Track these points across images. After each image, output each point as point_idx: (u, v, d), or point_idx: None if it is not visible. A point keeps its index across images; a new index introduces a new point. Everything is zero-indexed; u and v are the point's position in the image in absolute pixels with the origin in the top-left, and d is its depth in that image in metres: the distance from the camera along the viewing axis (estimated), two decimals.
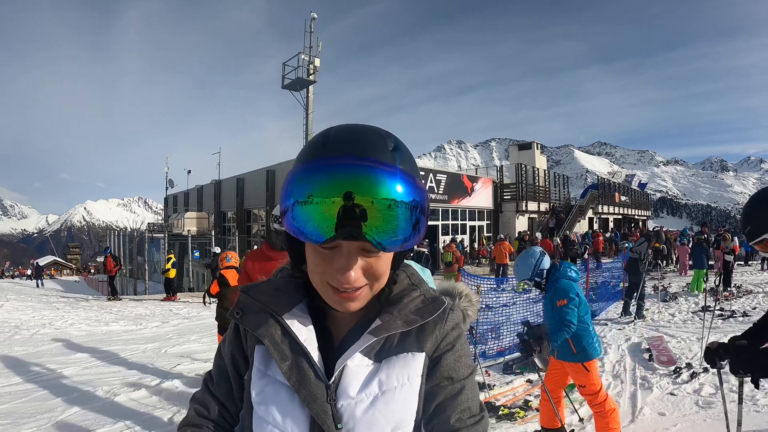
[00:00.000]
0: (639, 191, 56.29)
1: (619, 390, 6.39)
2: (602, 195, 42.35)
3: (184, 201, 40.10)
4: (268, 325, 1.07)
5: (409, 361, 1.06)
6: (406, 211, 0.89)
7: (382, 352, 1.06)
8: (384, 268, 1.00)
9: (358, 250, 0.94)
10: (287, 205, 0.91)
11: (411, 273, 1.17)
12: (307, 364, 1.04)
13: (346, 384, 1.02)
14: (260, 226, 29.02)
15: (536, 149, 40.40)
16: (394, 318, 1.06)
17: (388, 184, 0.87)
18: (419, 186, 0.93)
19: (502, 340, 9.14)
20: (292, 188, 0.91)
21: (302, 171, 0.91)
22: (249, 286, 1.15)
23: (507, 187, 35.08)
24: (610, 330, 10.02)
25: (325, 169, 0.89)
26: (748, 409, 5.50)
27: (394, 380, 1.03)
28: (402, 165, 0.92)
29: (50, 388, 6.50)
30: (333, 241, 0.89)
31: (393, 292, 1.11)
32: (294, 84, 25.39)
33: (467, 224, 31.90)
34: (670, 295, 13.98)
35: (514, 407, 5.87)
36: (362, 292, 0.99)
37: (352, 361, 1.04)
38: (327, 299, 1.01)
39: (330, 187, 0.87)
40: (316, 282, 1.01)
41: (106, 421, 5.43)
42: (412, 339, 1.07)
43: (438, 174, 29.09)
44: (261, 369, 1.08)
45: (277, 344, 1.05)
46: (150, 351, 9.06)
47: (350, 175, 0.87)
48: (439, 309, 1.09)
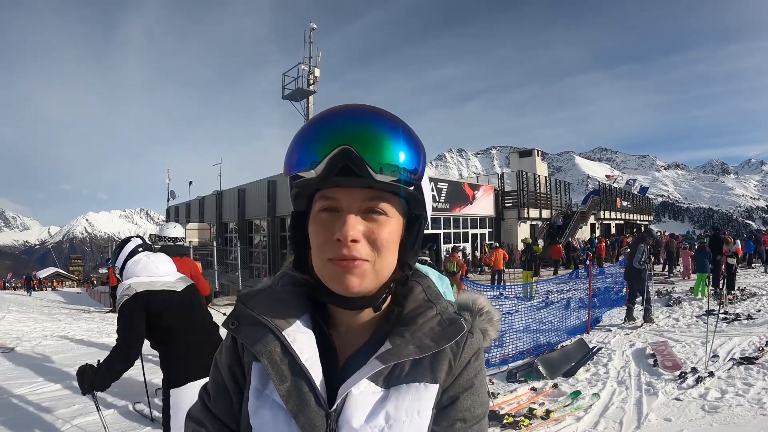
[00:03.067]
0: (640, 196, 56.34)
1: (624, 396, 6.34)
2: (603, 201, 42.43)
3: (186, 212, 40.01)
4: (267, 341, 0.98)
5: (421, 393, 0.97)
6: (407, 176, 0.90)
7: (391, 379, 0.97)
8: (387, 238, 0.93)
9: (358, 210, 0.91)
10: (287, 159, 0.92)
11: (427, 286, 1.08)
12: (307, 387, 0.95)
13: (349, 414, 0.93)
14: (262, 237, 28.97)
15: (537, 156, 40.41)
16: (405, 342, 0.96)
17: (392, 145, 0.88)
18: (422, 151, 0.94)
19: (506, 347, 9.10)
20: (294, 143, 0.92)
21: (302, 130, 0.92)
22: (247, 294, 1.07)
23: (508, 195, 35.09)
24: (615, 336, 10.00)
25: (323, 121, 0.90)
26: (755, 412, 5.48)
27: (402, 414, 0.94)
28: (405, 129, 0.92)
29: (51, 400, 6.45)
30: (328, 165, 0.87)
31: (405, 309, 1.02)
32: (294, 94, 25.43)
33: (469, 232, 31.91)
34: (673, 299, 13.95)
35: (518, 416, 5.82)
36: (363, 265, 0.92)
37: (356, 389, 0.95)
38: (328, 282, 0.94)
39: (329, 136, 0.87)
40: (317, 263, 0.95)
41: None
42: (425, 367, 0.98)
43: (439, 182, 29.05)
44: (258, 388, 1.00)
45: (276, 364, 0.96)
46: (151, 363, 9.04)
47: (352, 126, 0.87)
48: (458, 335, 0.99)
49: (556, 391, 6.70)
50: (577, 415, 5.80)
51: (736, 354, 7.84)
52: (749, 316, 11.07)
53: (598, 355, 8.40)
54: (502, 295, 14.52)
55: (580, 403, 6.12)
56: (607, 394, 6.45)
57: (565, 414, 5.82)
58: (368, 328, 1.02)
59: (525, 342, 9.46)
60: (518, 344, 9.30)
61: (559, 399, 6.40)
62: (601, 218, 41.92)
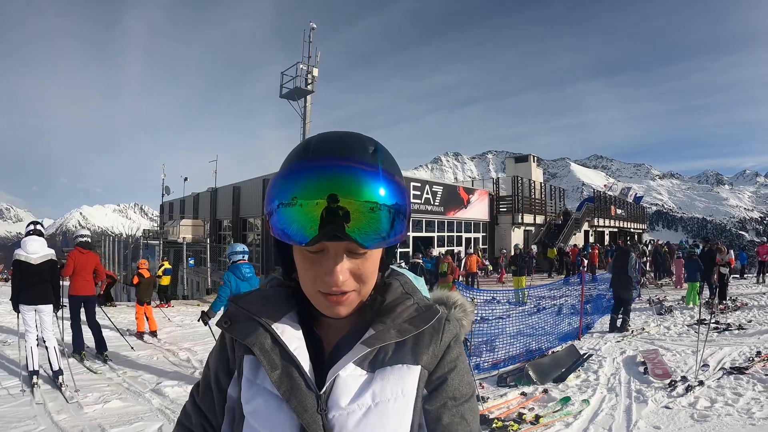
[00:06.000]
0: (635, 204, 56.50)
1: (614, 403, 6.35)
2: (598, 208, 42.57)
3: (180, 208, 39.92)
4: (258, 334, 1.06)
5: (404, 374, 1.04)
6: (388, 213, 0.91)
7: (375, 362, 1.05)
8: (371, 270, 1.01)
9: (344, 252, 0.95)
10: (271, 208, 0.94)
11: (404, 281, 1.16)
12: (297, 373, 1.02)
13: (337, 395, 1.00)
14: (256, 235, 28.90)
15: (533, 162, 40.49)
16: (387, 328, 1.05)
17: (371, 186, 0.90)
18: (401, 187, 0.96)
19: (497, 352, 9.14)
20: (277, 191, 0.93)
21: (286, 174, 0.93)
22: (238, 296, 1.15)
23: (503, 200, 35.18)
24: (605, 343, 10.01)
25: (307, 171, 0.91)
26: (744, 422, 5.49)
27: (387, 392, 1.01)
28: (383, 166, 0.94)
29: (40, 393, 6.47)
30: (317, 242, 0.91)
31: (386, 300, 1.10)
32: (292, 93, 25.45)
33: (463, 236, 32.00)
34: (665, 308, 14.00)
35: (507, 420, 5.82)
36: (350, 297, 1.00)
37: (344, 372, 1.02)
38: (317, 305, 1.02)
39: (313, 188, 0.89)
40: (306, 288, 1.02)
41: (94, 428, 5.40)
42: (407, 351, 1.06)
43: (434, 186, 29.19)
44: (250, 378, 1.07)
45: (267, 353, 1.04)
46: (142, 358, 9.02)
47: (333, 176, 0.89)
48: (434, 318, 1.08)
49: (546, 397, 6.71)
50: (567, 420, 5.81)
51: (726, 364, 7.86)
52: (740, 326, 11.14)
53: (588, 361, 8.40)
54: (494, 299, 14.56)
55: (569, 409, 6.13)
56: (597, 401, 6.46)
57: (555, 419, 5.83)
58: (351, 320, 1.07)
59: (516, 347, 9.47)
60: (509, 349, 9.32)
61: (548, 404, 6.41)
62: (595, 225, 42.06)
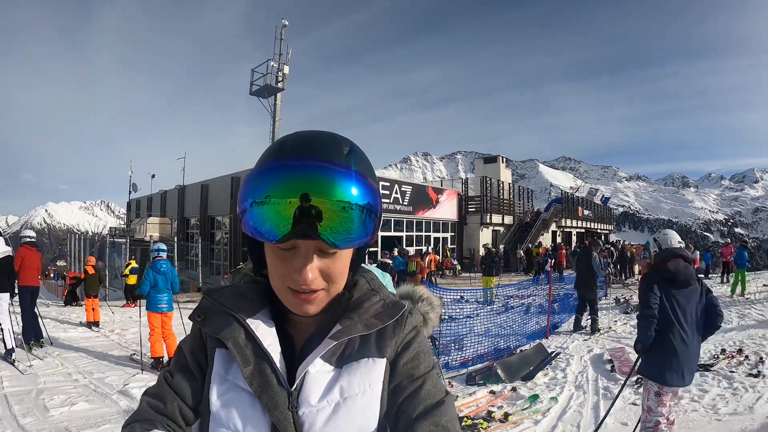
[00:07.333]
0: (602, 206, 57.30)
1: (581, 400, 6.43)
2: (566, 209, 43.11)
3: (147, 206, 39.38)
4: (232, 328, 1.05)
5: (370, 367, 1.06)
6: (360, 213, 0.92)
7: (342, 358, 1.06)
8: (341, 269, 1.02)
9: (314, 250, 0.96)
10: (245, 206, 0.94)
11: (371, 278, 1.18)
12: (270, 369, 1.02)
13: (307, 391, 1.01)
14: (224, 234, 28.65)
15: (501, 163, 40.84)
16: (354, 322, 1.06)
17: (344, 186, 0.90)
18: (373, 188, 0.96)
19: (466, 351, 9.18)
20: (250, 189, 0.93)
21: (260, 172, 0.94)
22: (212, 289, 1.15)
23: (472, 200, 35.46)
24: (573, 341, 10.13)
25: (281, 169, 0.91)
26: (710, 418, 5.59)
27: (355, 387, 1.03)
28: (357, 167, 0.94)
29: (5, 396, 6.32)
30: (289, 239, 0.91)
31: (353, 297, 1.11)
32: (262, 91, 25.18)
33: (431, 236, 32.15)
34: (631, 306, 14.17)
35: (477, 418, 5.84)
36: (319, 295, 1.00)
37: (313, 367, 1.03)
38: (286, 302, 1.02)
39: (286, 187, 0.89)
40: (276, 285, 1.02)
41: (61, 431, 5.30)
42: (372, 345, 1.08)
43: (403, 185, 29.28)
44: (221, 373, 1.05)
45: (241, 348, 1.03)
46: (109, 359, 8.88)
47: (306, 176, 0.89)
48: (399, 313, 1.10)
49: (514, 395, 6.74)
50: (535, 418, 5.84)
51: None
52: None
53: (556, 359, 8.49)
54: (462, 298, 14.63)
55: (538, 407, 6.16)
56: (565, 398, 6.52)
57: (524, 417, 5.86)
58: (320, 317, 1.07)
59: (485, 346, 9.53)
60: (478, 348, 9.37)
61: (517, 402, 6.44)
62: (562, 226, 42.59)
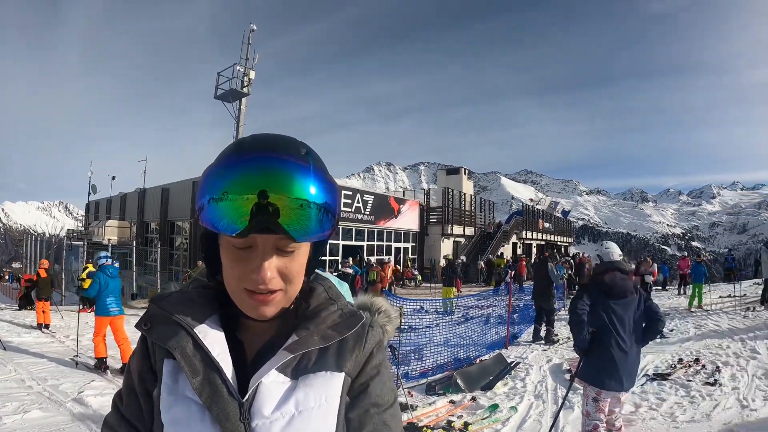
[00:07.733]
0: (562, 218, 58.11)
1: (541, 410, 6.50)
2: (526, 221, 43.65)
3: (107, 208, 38.38)
4: (179, 337, 1.01)
5: (328, 381, 1.04)
6: (317, 211, 0.92)
7: (298, 369, 1.04)
8: (298, 270, 1.00)
9: (273, 249, 0.95)
10: (203, 203, 0.92)
11: (329, 287, 1.16)
12: (219, 380, 0.99)
13: (260, 402, 0.98)
14: (183, 239, 28.15)
15: (464, 174, 41.06)
16: (310, 333, 1.04)
17: (302, 183, 0.91)
18: (331, 186, 0.97)
19: (425, 360, 9.20)
20: (208, 185, 0.92)
21: (217, 169, 0.93)
22: (159, 295, 1.10)
23: (433, 211, 35.52)
24: (532, 351, 10.24)
25: (239, 165, 0.91)
26: (668, 426, 5.70)
27: (311, 400, 1.01)
28: (315, 164, 0.95)
29: None
30: (247, 234, 0.90)
31: (310, 306, 1.10)
32: (227, 95, 24.80)
33: (393, 246, 32.15)
34: None
35: (437, 428, 5.87)
36: (277, 296, 0.98)
37: (267, 378, 1.00)
38: (242, 306, 1.00)
39: (244, 183, 0.89)
40: (231, 287, 0.99)
41: None
42: (331, 358, 1.06)
43: (365, 195, 29.23)
44: (169, 384, 1.02)
45: (189, 358, 1.00)
46: (64, 365, 8.66)
47: (264, 172, 0.89)
48: (357, 324, 1.09)
49: (474, 404, 6.79)
50: (495, 427, 5.89)
51: (649, 370, 8.17)
52: (662, 334, 11.51)
53: (516, 369, 8.58)
54: (422, 309, 14.67)
55: (498, 416, 6.21)
56: (525, 408, 6.58)
57: (483, 427, 5.90)
58: (275, 325, 1.06)
59: (444, 356, 9.57)
60: (438, 358, 9.41)
61: (477, 412, 6.49)
62: (523, 238, 43.09)
